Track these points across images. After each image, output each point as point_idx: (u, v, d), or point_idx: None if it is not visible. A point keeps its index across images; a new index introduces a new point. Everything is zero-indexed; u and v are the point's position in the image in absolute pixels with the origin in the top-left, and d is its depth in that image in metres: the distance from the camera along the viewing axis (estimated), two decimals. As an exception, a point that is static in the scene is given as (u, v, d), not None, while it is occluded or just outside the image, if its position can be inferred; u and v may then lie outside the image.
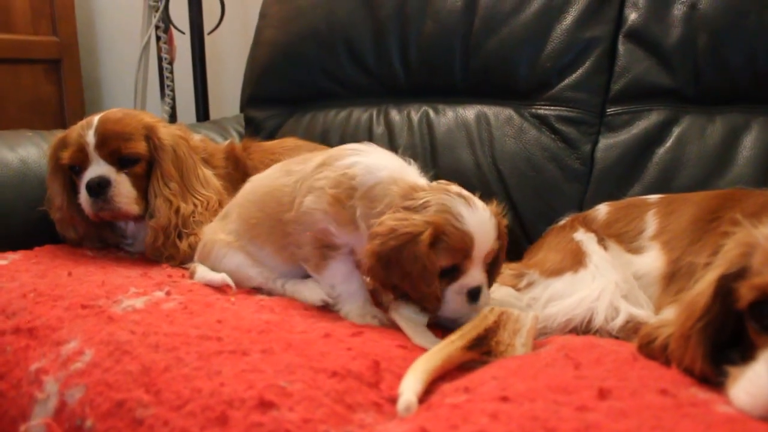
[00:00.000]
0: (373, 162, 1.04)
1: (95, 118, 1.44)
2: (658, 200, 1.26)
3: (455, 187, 1.01)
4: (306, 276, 1.13)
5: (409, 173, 1.04)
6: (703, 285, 0.77)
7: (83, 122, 1.45)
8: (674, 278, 1.11)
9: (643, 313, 1.12)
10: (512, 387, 0.72)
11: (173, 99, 2.54)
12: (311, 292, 1.10)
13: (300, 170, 1.11)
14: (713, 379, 0.73)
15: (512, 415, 0.64)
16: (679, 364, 0.78)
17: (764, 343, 0.69)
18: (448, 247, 0.95)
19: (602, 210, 1.31)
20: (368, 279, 1.03)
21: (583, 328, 1.11)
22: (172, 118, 2.54)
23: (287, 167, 1.16)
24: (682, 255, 1.11)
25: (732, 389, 0.69)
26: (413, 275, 0.94)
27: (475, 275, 0.99)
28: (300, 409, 0.70)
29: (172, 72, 2.54)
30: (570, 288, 1.16)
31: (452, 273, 0.98)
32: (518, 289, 1.22)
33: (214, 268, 1.21)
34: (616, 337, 1.10)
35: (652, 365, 0.84)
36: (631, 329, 1.11)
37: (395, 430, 0.66)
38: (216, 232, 1.24)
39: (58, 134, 1.49)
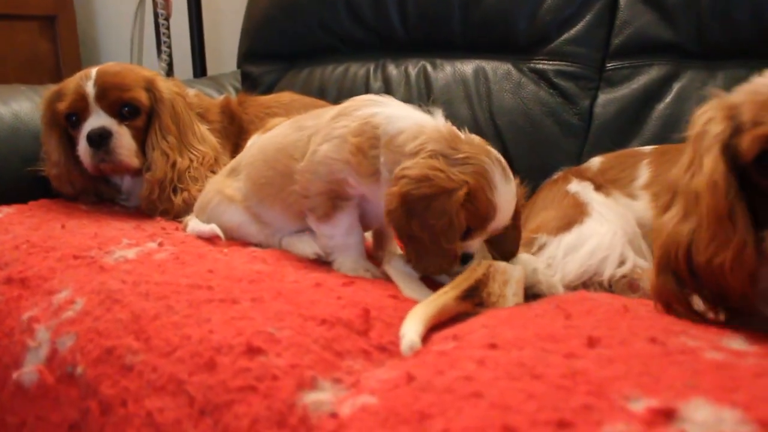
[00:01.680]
0: (394, 112, 1.00)
1: (93, 71, 1.42)
2: (652, 150, 1.25)
3: (494, 151, 0.97)
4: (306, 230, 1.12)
5: (438, 121, 1.00)
6: (710, 163, 0.71)
7: (81, 74, 1.43)
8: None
9: (646, 264, 1.13)
10: (501, 335, 0.72)
11: (170, 55, 2.51)
12: (304, 245, 1.09)
13: (313, 125, 1.07)
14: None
15: (499, 361, 0.64)
16: (712, 260, 0.70)
17: None
18: (474, 210, 0.92)
19: (596, 161, 1.31)
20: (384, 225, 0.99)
21: (596, 279, 1.11)
22: (169, 74, 2.52)
23: (299, 123, 1.12)
24: None
25: None
26: (436, 228, 0.90)
27: (476, 244, 0.98)
28: (288, 355, 0.70)
29: (168, 28, 2.50)
30: (580, 239, 1.15)
31: (463, 235, 0.95)
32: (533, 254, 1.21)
33: (211, 222, 1.20)
34: (611, 291, 1.11)
35: (644, 316, 0.83)
36: (626, 284, 1.12)
37: (383, 376, 0.66)
38: (222, 187, 1.21)
39: (52, 87, 1.48)
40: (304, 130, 1.08)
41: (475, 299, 0.90)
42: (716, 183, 0.70)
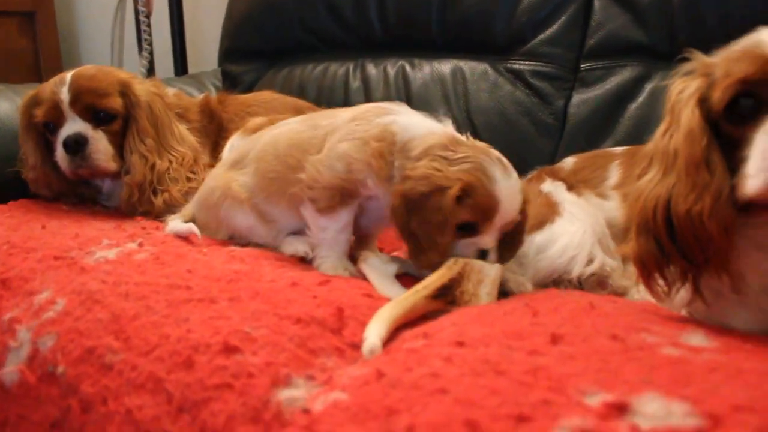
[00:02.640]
0: (408, 120, 1.06)
1: (67, 75, 1.43)
2: (624, 151, 1.28)
3: (496, 152, 1.02)
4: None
5: (446, 129, 1.06)
6: (687, 116, 0.76)
7: (56, 79, 1.44)
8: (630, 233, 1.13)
9: (614, 263, 1.16)
10: (469, 333, 0.75)
11: (151, 53, 2.52)
12: (297, 243, 1.12)
13: (329, 123, 1.11)
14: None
15: (466, 358, 0.67)
16: (691, 209, 0.73)
17: (747, 133, 0.71)
18: (474, 204, 0.96)
19: (569, 161, 1.33)
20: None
21: (565, 277, 1.14)
22: (150, 72, 2.53)
23: (313, 121, 1.15)
24: None
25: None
26: (432, 223, 0.96)
27: (489, 239, 1.01)
28: (263, 354, 0.73)
29: (149, 26, 2.51)
30: (551, 238, 1.18)
31: (470, 230, 1.00)
32: None
33: (218, 219, 1.21)
34: (582, 288, 1.15)
35: (609, 313, 0.87)
36: (596, 281, 1.15)
37: (354, 373, 0.69)
38: (228, 183, 1.20)
39: (30, 92, 1.48)
40: (319, 128, 1.12)
41: (447, 297, 0.93)
42: (693, 132, 0.75)
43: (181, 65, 2.48)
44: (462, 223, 0.98)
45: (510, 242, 1.06)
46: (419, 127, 1.04)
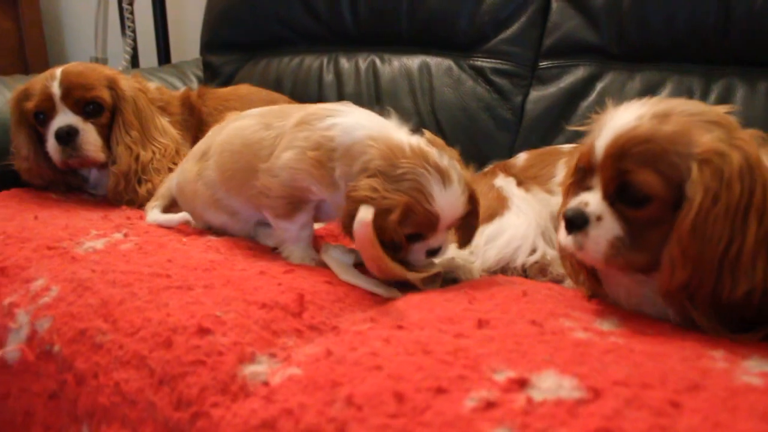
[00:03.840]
0: (350, 122, 1.08)
1: (57, 71, 1.53)
2: (571, 150, 1.38)
3: (435, 156, 1.03)
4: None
5: (390, 130, 1.06)
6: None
7: (46, 74, 1.53)
8: None
9: (555, 253, 1.27)
10: (409, 318, 0.87)
11: (134, 40, 2.58)
12: (267, 237, 1.23)
13: (280, 126, 1.14)
14: None
15: (401, 340, 0.79)
16: None
17: None
18: (416, 222, 1.01)
19: (521, 157, 1.43)
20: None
21: (510, 265, 1.26)
22: (134, 59, 2.59)
23: (267, 120, 1.18)
24: None
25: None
26: (389, 244, 1.01)
27: (438, 239, 1.06)
28: (232, 335, 0.85)
29: (132, 13, 2.56)
30: (500, 230, 1.30)
31: (418, 238, 1.05)
32: None
33: (195, 213, 1.30)
34: (526, 275, 1.27)
35: (538, 299, 0.99)
36: (538, 269, 1.27)
37: (309, 351, 0.81)
38: (195, 178, 1.26)
39: (20, 86, 1.57)
40: (271, 129, 1.16)
41: None
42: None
43: (164, 53, 2.55)
44: (410, 235, 1.03)
45: (467, 226, 1.13)
46: (360, 130, 1.05)
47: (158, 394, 0.82)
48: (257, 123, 1.19)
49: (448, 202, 1.02)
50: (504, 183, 1.38)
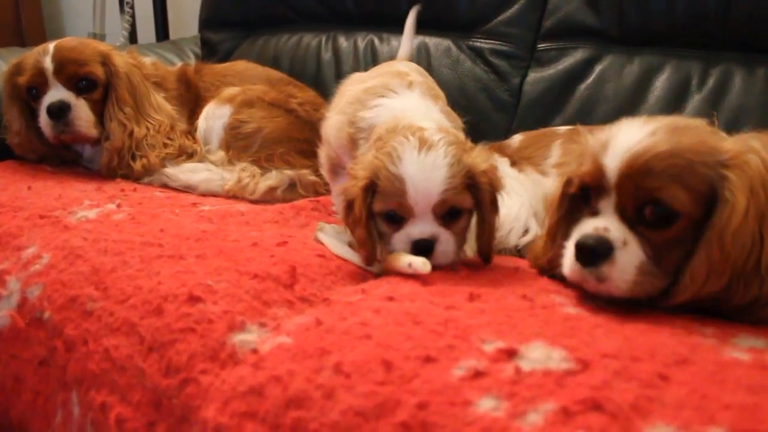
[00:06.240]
0: (390, 105, 1.06)
1: (50, 46, 1.52)
2: (566, 132, 1.38)
3: (428, 131, 0.95)
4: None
5: (419, 114, 1.02)
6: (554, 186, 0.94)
7: (38, 49, 1.52)
8: None
9: (547, 233, 1.28)
10: (400, 290, 0.87)
11: (133, 16, 2.57)
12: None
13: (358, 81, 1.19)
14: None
15: (391, 311, 0.79)
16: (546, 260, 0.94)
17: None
18: (381, 191, 0.93)
19: (516, 138, 1.43)
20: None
21: (504, 246, 1.26)
22: (132, 36, 2.58)
23: (361, 77, 1.23)
24: None
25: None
26: (354, 215, 0.96)
27: (420, 226, 0.93)
28: (223, 303, 0.85)
29: (130, -11, 2.56)
30: None
31: (397, 220, 0.95)
32: None
33: None
34: (520, 254, 1.27)
35: (529, 277, 0.99)
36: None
37: (299, 321, 0.81)
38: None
39: (12, 60, 1.56)
40: (353, 86, 1.19)
41: None
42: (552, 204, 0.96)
43: (162, 30, 2.53)
44: (383, 213, 0.95)
45: (481, 232, 1.01)
46: (389, 114, 1.04)
47: (147, 361, 0.82)
48: (364, 82, 1.20)
49: (417, 167, 0.90)
50: (498, 163, 1.38)
